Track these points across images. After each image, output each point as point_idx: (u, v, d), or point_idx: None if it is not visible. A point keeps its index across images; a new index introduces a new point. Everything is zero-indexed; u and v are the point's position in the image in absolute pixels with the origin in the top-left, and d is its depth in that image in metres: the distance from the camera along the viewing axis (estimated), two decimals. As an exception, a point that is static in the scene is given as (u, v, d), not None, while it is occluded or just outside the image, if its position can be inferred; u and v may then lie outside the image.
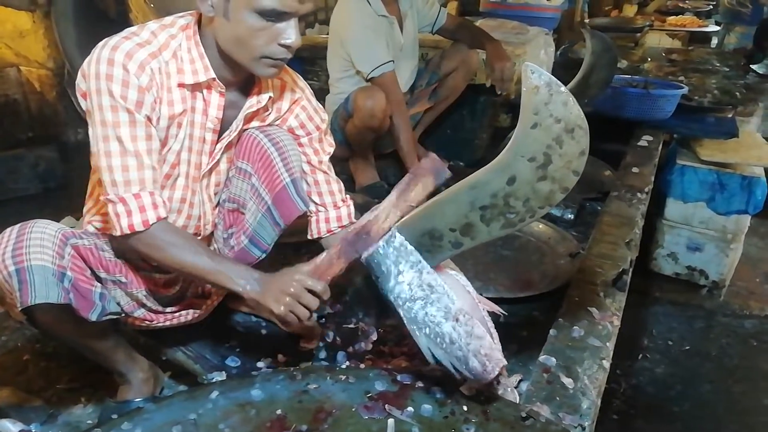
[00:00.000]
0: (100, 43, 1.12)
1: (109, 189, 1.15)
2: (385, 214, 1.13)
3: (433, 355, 1.09)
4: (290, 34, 1.13)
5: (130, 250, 1.24)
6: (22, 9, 3.02)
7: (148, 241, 1.17)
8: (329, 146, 1.46)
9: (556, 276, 1.93)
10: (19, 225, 1.15)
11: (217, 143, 1.31)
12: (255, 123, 1.36)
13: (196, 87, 1.22)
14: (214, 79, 1.21)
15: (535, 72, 0.96)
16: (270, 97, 1.31)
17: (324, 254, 1.18)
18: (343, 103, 2.45)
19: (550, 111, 0.94)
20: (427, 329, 1.08)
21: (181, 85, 1.20)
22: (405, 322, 1.10)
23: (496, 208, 1.04)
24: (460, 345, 1.06)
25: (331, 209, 1.45)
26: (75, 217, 1.39)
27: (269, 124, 1.38)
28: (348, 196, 1.50)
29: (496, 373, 1.07)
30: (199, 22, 1.21)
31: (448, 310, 1.08)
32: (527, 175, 1.00)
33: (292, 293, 1.14)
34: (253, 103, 1.29)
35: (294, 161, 1.34)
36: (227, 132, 1.30)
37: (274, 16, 1.10)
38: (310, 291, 1.15)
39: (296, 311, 1.14)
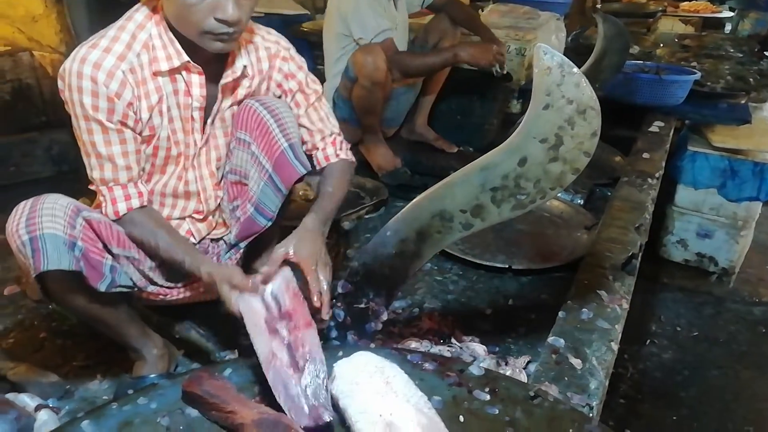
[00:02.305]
0: (72, 54, 1.17)
1: (91, 179, 1.27)
2: None
3: None
4: (225, 7, 1.12)
5: None
6: (34, -7, 3.03)
7: (125, 228, 1.28)
8: (312, 83, 1.47)
9: (575, 248, 1.99)
10: (32, 198, 1.19)
11: (206, 120, 1.35)
12: (243, 92, 1.38)
13: (173, 71, 1.25)
14: (188, 61, 1.24)
15: (547, 53, 0.96)
16: (245, 65, 1.33)
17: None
18: (343, 73, 2.49)
19: (563, 92, 0.95)
20: None
21: (156, 74, 1.23)
22: None
23: (506, 190, 1.05)
24: None
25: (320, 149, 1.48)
26: (89, 200, 1.41)
27: (266, 93, 1.41)
28: (337, 134, 1.50)
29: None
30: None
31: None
32: (538, 156, 1.00)
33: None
34: (227, 74, 1.31)
35: (290, 127, 1.36)
36: (213, 108, 1.34)
37: None
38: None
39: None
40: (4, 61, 2.82)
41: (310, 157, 1.45)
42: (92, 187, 1.28)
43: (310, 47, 3.14)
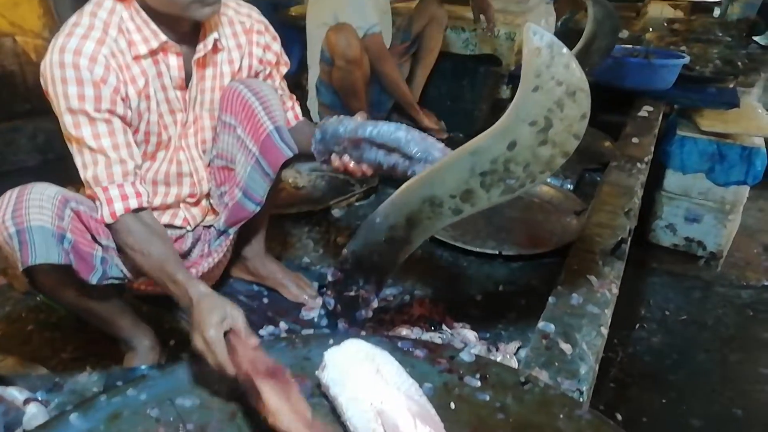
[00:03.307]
0: (49, 47, 1.13)
1: (84, 183, 1.21)
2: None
3: None
4: None
5: None
6: (15, -23, 2.96)
7: (118, 232, 1.20)
8: (283, 54, 1.49)
9: (565, 233, 1.99)
10: (18, 187, 1.16)
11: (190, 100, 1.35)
12: (227, 69, 1.37)
13: (153, 53, 1.23)
14: (166, 42, 1.22)
15: (537, 33, 0.94)
16: (216, 38, 1.31)
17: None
18: (320, 59, 2.52)
19: (552, 73, 0.93)
20: None
21: (137, 58, 1.21)
22: None
23: (496, 174, 1.04)
24: None
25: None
26: (75, 189, 1.39)
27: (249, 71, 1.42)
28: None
29: None
30: None
31: None
32: (528, 139, 0.99)
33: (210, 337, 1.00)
34: (200, 48, 1.29)
35: (276, 109, 1.36)
36: (190, 85, 1.33)
37: None
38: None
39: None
40: (-14, 47, 2.77)
41: None
42: (88, 192, 1.22)
43: (299, 34, 3.10)
